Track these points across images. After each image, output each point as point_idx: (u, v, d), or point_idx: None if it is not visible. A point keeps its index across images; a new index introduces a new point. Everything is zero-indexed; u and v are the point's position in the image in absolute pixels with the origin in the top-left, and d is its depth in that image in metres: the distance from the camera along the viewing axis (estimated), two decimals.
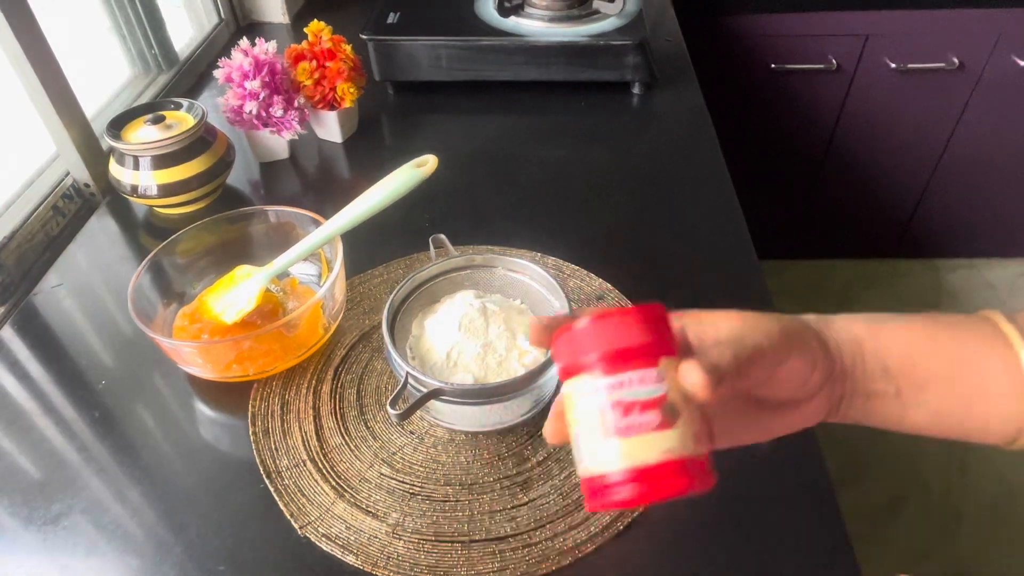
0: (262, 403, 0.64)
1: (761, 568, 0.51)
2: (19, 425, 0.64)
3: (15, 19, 0.76)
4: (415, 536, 0.54)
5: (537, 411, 0.60)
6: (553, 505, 0.56)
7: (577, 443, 0.32)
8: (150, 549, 0.54)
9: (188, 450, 0.62)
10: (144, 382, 0.67)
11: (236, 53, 0.85)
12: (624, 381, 0.30)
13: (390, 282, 0.75)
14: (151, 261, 0.67)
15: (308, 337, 0.66)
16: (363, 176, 0.92)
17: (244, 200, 0.91)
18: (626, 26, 1.02)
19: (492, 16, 1.06)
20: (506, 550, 0.53)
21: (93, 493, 0.58)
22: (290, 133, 0.89)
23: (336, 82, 0.90)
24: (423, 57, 1.03)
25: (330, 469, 0.59)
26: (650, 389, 0.30)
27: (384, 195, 0.61)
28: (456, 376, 0.59)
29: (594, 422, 0.31)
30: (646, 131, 1.01)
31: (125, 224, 0.87)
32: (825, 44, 1.46)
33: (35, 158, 0.87)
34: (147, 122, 0.81)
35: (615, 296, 0.72)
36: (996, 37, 1.43)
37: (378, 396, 0.65)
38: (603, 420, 0.30)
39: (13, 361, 0.70)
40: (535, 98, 1.06)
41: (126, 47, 1.05)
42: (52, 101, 0.82)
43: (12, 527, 0.56)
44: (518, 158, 0.95)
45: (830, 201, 1.73)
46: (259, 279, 0.66)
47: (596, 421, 0.30)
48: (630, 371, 0.30)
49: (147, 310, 0.66)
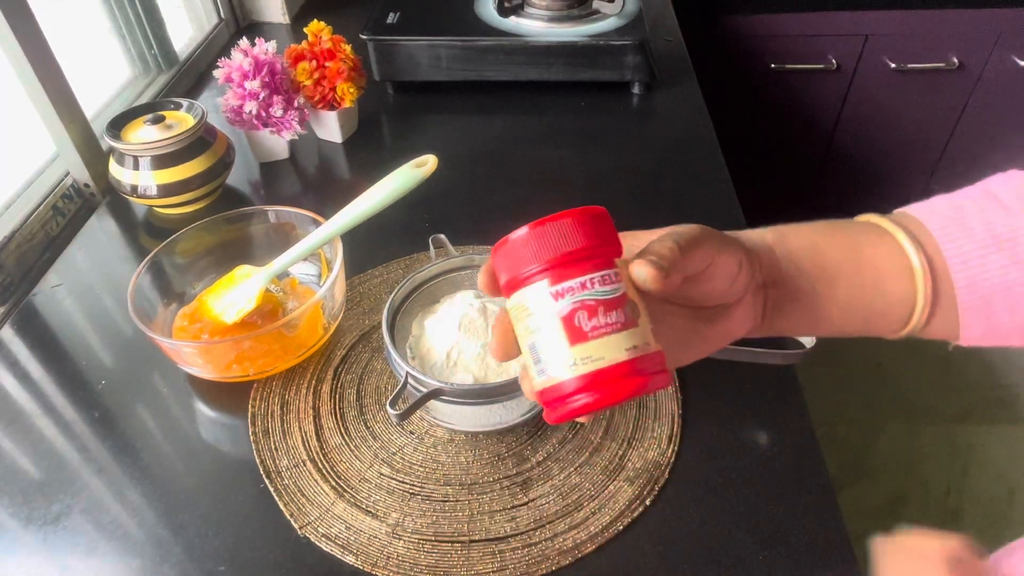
0: (262, 403, 0.64)
1: (761, 568, 0.51)
2: (19, 425, 0.64)
3: (15, 19, 0.76)
4: (415, 536, 0.54)
5: (537, 411, 0.60)
6: (553, 505, 0.56)
7: (535, 354, 0.31)
8: (150, 549, 0.54)
9: (188, 450, 0.62)
10: (144, 382, 0.67)
11: (236, 53, 0.85)
12: (585, 282, 0.29)
13: (390, 282, 0.75)
14: (151, 261, 0.67)
15: (308, 337, 0.66)
16: (363, 176, 0.92)
17: (244, 200, 0.91)
18: (626, 26, 1.02)
19: (492, 16, 1.06)
20: (506, 550, 0.53)
21: (93, 493, 0.58)
22: (290, 133, 0.89)
23: (336, 82, 0.90)
24: (423, 57, 1.03)
25: (330, 469, 0.59)
26: (611, 288, 0.30)
27: (384, 195, 0.61)
28: (456, 376, 0.59)
29: (553, 329, 0.30)
30: (646, 131, 1.01)
31: (125, 224, 0.87)
32: (825, 44, 1.46)
33: (35, 158, 0.87)
34: (147, 122, 0.81)
35: None
36: (996, 37, 1.43)
37: (378, 396, 0.65)
38: (566, 326, 0.29)
39: (13, 361, 0.70)
40: (535, 98, 1.06)
41: (126, 47, 1.05)
42: (52, 101, 0.82)
43: (12, 527, 0.56)
44: (518, 158, 0.95)
45: (830, 201, 1.73)
46: (259, 279, 0.66)
47: (555, 328, 0.30)
48: (589, 273, 0.30)
49: (147, 310, 0.66)
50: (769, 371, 0.62)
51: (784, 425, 0.60)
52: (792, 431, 0.60)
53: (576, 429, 0.61)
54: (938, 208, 0.40)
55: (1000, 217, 0.38)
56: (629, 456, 0.58)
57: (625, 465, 0.58)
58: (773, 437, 0.59)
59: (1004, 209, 0.38)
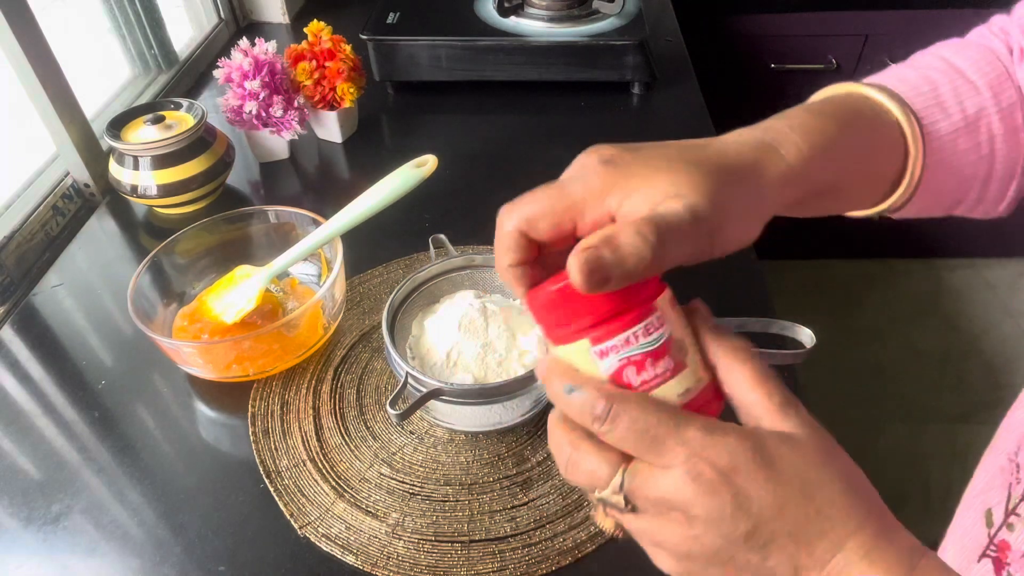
0: (262, 403, 0.64)
1: None
2: (19, 425, 0.64)
3: (15, 19, 0.76)
4: (415, 536, 0.54)
5: (537, 411, 0.61)
6: (553, 505, 0.56)
7: None
8: (150, 549, 0.54)
9: (188, 450, 0.62)
10: (144, 382, 0.67)
11: (236, 53, 0.85)
12: (629, 338, 0.28)
13: (390, 282, 0.75)
14: (151, 261, 0.67)
15: (308, 337, 0.66)
16: (363, 176, 0.92)
17: (244, 200, 0.91)
18: (626, 26, 1.02)
19: (492, 16, 1.06)
20: (506, 550, 0.53)
21: (93, 493, 0.58)
22: (290, 133, 0.89)
23: (336, 82, 0.90)
24: (423, 57, 1.03)
25: (330, 469, 0.59)
26: (656, 336, 0.28)
27: (384, 195, 0.61)
28: (456, 376, 0.59)
29: None
30: (646, 131, 1.01)
31: (125, 224, 0.87)
32: (825, 44, 1.46)
33: (35, 158, 0.87)
34: (147, 122, 0.81)
35: None
36: None
37: (378, 396, 0.65)
38: (615, 384, 0.28)
39: (13, 361, 0.70)
40: (535, 98, 1.06)
41: (126, 47, 1.05)
42: (52, 101, 0.82)
43: (12, 527, 0.56)
44: (518, 158, 0.95)
45: None
46: (259, 279, 0.66)
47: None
48: (632, 326, 0.28)
49: (147, 310, 0.66)
50: None
51: None
52: None
53: None
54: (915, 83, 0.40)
55: (970, 94, 0.39)
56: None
57: None
58: None
59: (972, 86, 0.40)
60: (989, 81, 0.40)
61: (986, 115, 0.40)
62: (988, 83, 0.40)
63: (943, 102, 0.39)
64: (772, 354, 0.57)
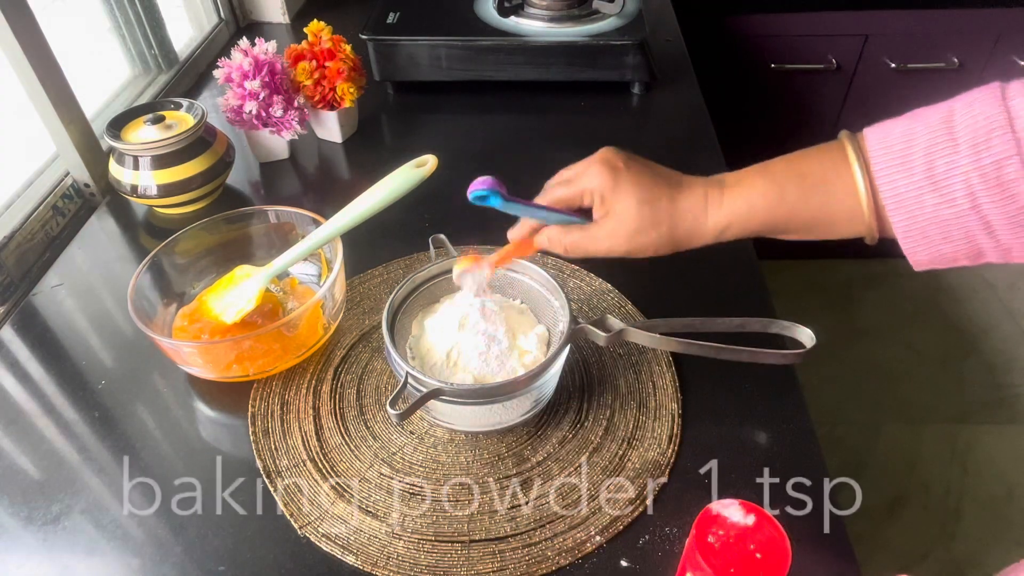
0: (262, 403, 0.64)
1: None
2: (19, 425, 0.64)
3: (15, 19, 0.76)
4: (415, 536, 0.54)
5: (537, 411, 0.61)
6: (553, 505, 0.56)
7: None
8: (150, 549, 0.54)
9: (188, 450, 0.62)
10: (144, 382, 0.67)
11: (236, 53, 0.85)
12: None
13: (390, 282, 0.75)
14: (151, 261, 0.67)
15: (308, 337, 0.66)
16: (363, 176, 0.92)
17: (244, 200, 0.91)
18: (626, 26, 1.02)
19: (492, 16, 1.06)
20: (506, 550, 0.53)
21: (93, 493, 0.58)
22: (290, 133, 0.89)
23: (336, 82, 0.90)
24: (423, 57, 1.03)
25: (330, 469, 0.59)
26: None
27: (384, 195, 0.61)
28: (456, 376, 0.59)
29: None
30: (646, 131, 1.01)
31: (125, 224, 0.87)
32: (825, 44, 1.46)
33: (35, 158, 0.87)
34: (147, 122, 0.81)
35: (615, 296, 0.72)
36: (996, 37, 1.43)
37: (378, 396, 0.65)
38: None
39: (13, 361, 0.70)
40: (535, 98, 1.06)
41: (126, 47, 1.06)
42: (52, 101, 0.82)
43: (12, 527, 0.56)
44: (518, 158, 0.95)
45: None
46: (259, 279, 0.66)
47: None
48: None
49: (147, 310, 0.66)
50: (769, 371, 0.62)
51: (784, 425, 0.60)
52: (792, 431, 0.60)
53: (576, 429, 0.61)
54: (891, 141, 0.43)
55: (944, 153, 0.41)
56: (629, 456, 0.58)
57: (625, 465, 0.58)
58: (773, 437, 0.60)
59: (951, 143, 0.41)
60: (973, 137, 0.40)
61: (958, 172, 0.41)
62: (971, 140, 0.40)
63: (909, 159, 0.42)
64: (772, 354, 0.57)
